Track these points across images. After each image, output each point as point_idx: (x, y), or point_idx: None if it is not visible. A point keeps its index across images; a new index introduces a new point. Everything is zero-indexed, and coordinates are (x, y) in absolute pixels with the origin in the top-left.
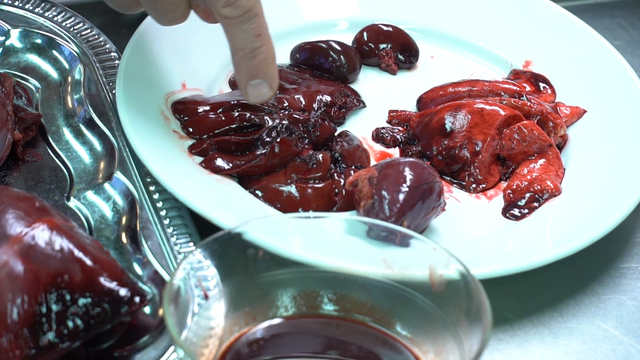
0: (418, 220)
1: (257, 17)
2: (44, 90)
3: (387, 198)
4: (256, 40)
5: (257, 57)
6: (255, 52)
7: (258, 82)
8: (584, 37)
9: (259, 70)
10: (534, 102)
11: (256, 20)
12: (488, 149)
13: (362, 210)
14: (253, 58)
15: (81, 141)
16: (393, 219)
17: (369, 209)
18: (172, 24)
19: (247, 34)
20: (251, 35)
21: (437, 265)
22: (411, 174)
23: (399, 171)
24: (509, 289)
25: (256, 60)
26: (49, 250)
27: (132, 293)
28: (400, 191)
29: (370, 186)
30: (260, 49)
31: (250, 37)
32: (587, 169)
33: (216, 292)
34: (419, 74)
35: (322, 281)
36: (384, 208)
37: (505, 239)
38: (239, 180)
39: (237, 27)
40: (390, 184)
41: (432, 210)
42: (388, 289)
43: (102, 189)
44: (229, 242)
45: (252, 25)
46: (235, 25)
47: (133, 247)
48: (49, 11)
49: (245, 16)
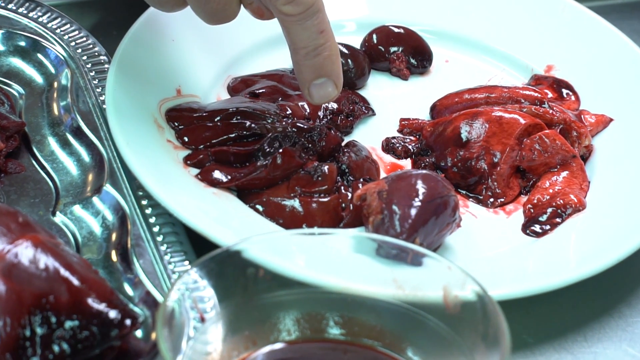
0: (431, 237)
1: (319, 13)
2: (28, 97)
3: (397, 213)
4: (319, 37)
5: (321, 54)
6: (319, 50)
7: (323, 81)
8: (610, 39)
9: (323, 69)
10: (556, 110)
11: (319, 16)
12: (507, 160)
13: (371, 227)
14: (317, 56)
15: (68, 151)
16: (404, 235)
17: (378, 225)
18: (221, 23)
19: (309, 31)
20: (314, 32)
21: (451, 286)
22: (424, 187)
23: (410, 184)
24: (529, 311)
25: (320, 58)
26: (33, 269)
27: (122, 315)
28: (412, 206)
29: (379, 200)
30: (324, 46)
31: (313, 34)
32: (613, 181)
33: (213, 314)
34: (433, 79)
35: (328, 303)
36: (394, 224)
37: (525, 257)
38: (238, 194)
39: (299, 24)
40: (402, 198)
41: (446, 227)
42: (399, 311)
43: (90, 203)
44: (227, 261)
45: (315, 22)
46: (297, 23)
47: (123, 265)
48: (33, 11)
49: (308, 12)
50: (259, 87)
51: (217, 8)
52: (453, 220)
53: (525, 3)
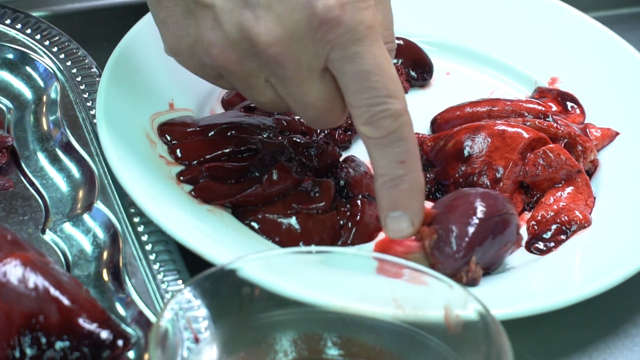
0: (489, 257)
1: (402, 141)
2: (16, 111)
3: (454, 231)
4: (399, 167)
5: (399, 186)
6: (397, 181)
7: (398, 215)
8: (616, 51)
9: (399, 202)
10: (560, 124)
11: (402, 145)
12: (510, 175)
13: (428, 249)
14: (394, 187)
15: (58, 167)
16: (461, 254)
17: (433, 246)
18: (328, 127)
19: (389, 159)
20: (394, 160)
21: (453, 305)
22: (482, 204)
23: (468, 202)
24: (533, 330)
25: (397, 190)
26: (22, 289)
27: (114, 336)
28: (470, 224)
29: (431, 226)
30: (403, 178)
31: (393, 162)
32: (619, 197)
33: (208, 335)
34: (433, 92)
35: (326, 323)
36: (450, 242)
37: (528, 275)
38: (233, 211)
39: (379, 149)
40: (459, 216)
41: (505, 246)
42: (399, 331)
43: (80, 221)
44: (221, 280)
45: (396, 150)
46: (377, 147)
47: (115, 285)
48: (21, 23)
49: (389, 138)
50: None
51: (318, 115)
52: (513, 240)
53: (529, 13)
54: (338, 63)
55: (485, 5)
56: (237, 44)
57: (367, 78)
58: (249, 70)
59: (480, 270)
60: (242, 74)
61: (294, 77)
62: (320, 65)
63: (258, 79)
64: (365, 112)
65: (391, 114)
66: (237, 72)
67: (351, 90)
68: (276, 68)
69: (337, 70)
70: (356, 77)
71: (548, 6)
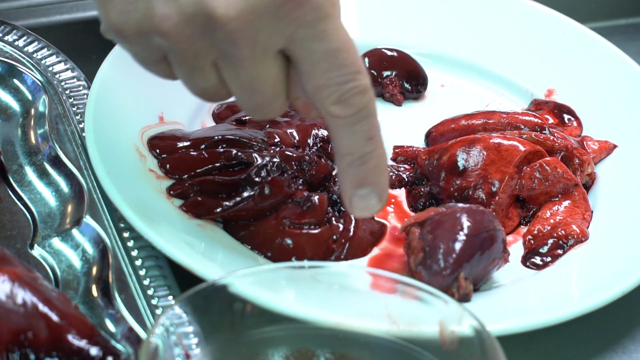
0: (476, 272)
1: (371, 117)
2: (3, 124)
3: (441, 248)
4: (367, 144)
5: (367, 163)
6: (365, 158)
7: (366, 193)
8: (614, 62)
9: (368, 179)
10: (557, 136)
11: (369, 121)
12: (506, 189)
13: (413, 265)
14: (362, 165)
15: (46, 182)
16: (448, 270)
17: (419, 262)
18: (267, 117)
19: (357, 137)
20: (362, 138)
21: (448, 321)
22: (469, 221)
23: (455, 218)
24: (530, 346)
25: (365, 167)
26: (10, 305)
27: (104, 352)
28: (457, 240)
29: (419, 239)
30: (372, 154)
31: (361, 140)
32: (617, 211)
33: (199, 351)
34: (428, 104)
35: (319, 339)
36: (437, 259)
37: (525, 290)
38: (224, 225)
39: (347, 128)
40: (445, 232)
41: (492, 262)
42: (393, 347)
43: (69, 236)
44: (213, 296)
45: (365, 127)
46: (345, 126)
47: (105, 300)
48: (8, 35)
49: (358, 116)
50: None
51: (264, 102)
52: (500, 256)
53: (525, 24)
54: (305, 42)
55: (480, 16)
56: (192, 18)
57: (337, 56)
58: (198, 51)
59: (471, 285)
60: (190, 54)
61: (246, 57)
62: (277, 45)
63: (205, 61)
64: (336, 90)
65: (361, 90)
66: (186, 51)
67: (319, 70)
68: (229, 47)
69: (302, 50)
70: (325, 55)
71: (544, 17)
